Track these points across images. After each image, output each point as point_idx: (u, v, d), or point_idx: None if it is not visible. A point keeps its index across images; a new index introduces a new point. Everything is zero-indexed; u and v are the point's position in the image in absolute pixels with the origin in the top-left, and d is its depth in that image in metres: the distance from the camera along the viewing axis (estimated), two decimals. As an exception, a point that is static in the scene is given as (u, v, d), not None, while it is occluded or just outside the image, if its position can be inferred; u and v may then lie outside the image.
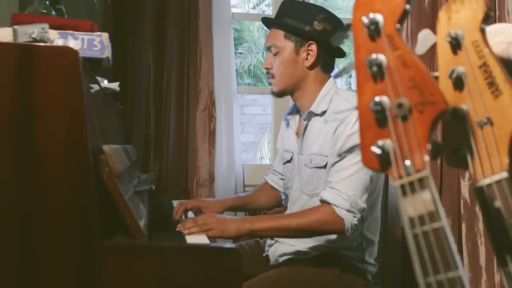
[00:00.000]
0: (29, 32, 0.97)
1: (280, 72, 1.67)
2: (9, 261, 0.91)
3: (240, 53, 8.22)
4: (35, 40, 0.99)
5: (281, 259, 1.68)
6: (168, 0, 2.42)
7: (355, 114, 1.50)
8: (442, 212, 0.51)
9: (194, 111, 2.45)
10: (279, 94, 1.73)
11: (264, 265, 1.73)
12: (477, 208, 2.51)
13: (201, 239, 1.41)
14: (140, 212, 1.27)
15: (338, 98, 1.61)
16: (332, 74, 1.72)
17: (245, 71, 8.13)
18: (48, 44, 1.00)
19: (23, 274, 0.92)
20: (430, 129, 0.55)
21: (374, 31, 0.59)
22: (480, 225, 2.53)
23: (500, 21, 2.54)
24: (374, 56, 0.59)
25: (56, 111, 0.94)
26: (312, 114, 1.66)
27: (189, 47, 2.44)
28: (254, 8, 8.37)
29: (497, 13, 2.55)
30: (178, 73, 2.44)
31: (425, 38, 0.70)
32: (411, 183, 0.54)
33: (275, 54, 1.68)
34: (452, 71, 0.64)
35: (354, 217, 1.48)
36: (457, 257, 0.50)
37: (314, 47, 1.66)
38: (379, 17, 0.59)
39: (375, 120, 0.58)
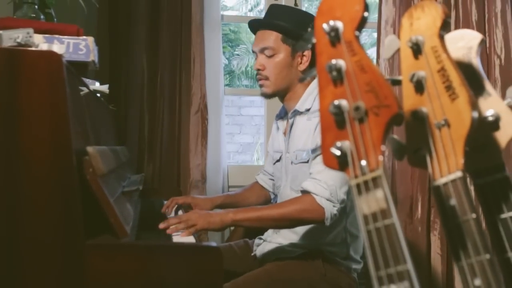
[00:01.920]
0: (14, 36, 1.00)
1: (275, 74, 1.70)
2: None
3: (237, 54, 8.25)
4: (20, 44, 1.01)
5: (268, 258, 1.71)
6: (161, 3, 2.45)
7: None
8: (393, 209, 0.54)
9: (188, 113, 2.48)
10: (271, 96, 1.76)
11: (252, 264, 1.76)
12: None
13: (187, 238, 1.44)
14: (126, 212, 1.30)
15: None
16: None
17: (242, 72, 8.16)
18: (33, 48, 1.03)
19: (6, 273, 0.94)
20: (384, 131, 0.58)
21: (334, 37, 0.62)
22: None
23: (489, 23, 2.57)
24: (334, 61, 0.61)
25: (40, 113, 0.96)
26: (297, 113, 1.71)
27: (182, 50, 2.47)
28: (251, 10, 8.40)
29: (486, 16, 2.57)
30: (171, 75, 2.46)
31: (390, 43, 0.73)
32: (365, 182, 0.57)
33: (269, 56, 1.71)
34: (413, 75, 0.67)
35: (334, 206, 1.52)
36: (406, 252, 0.53)
37: (308, 52, 1.70)
38: (339, 24, 0.62)
39: (335, 122, 0.61)
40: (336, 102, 0.60)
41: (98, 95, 1.74)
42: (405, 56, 0.70)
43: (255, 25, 1.81)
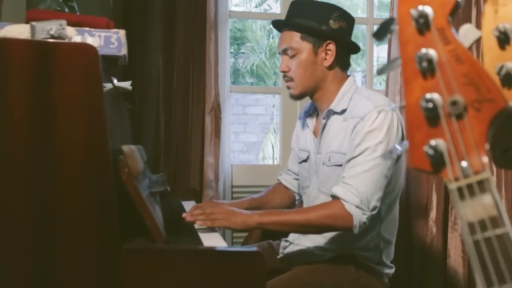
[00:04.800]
0: (47, 28, 0.94)
1: (300, 74, 1.64)
2: (27, 263, 0.88)
3: (243, 52, 8.17)
4: (52, 36, 0.95)
5: (296, 261, 1.65)
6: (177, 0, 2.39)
7: (375, 112, 1.48)
8: (506, 217, 0.48)
9: (201, 112, 2.43)
10: (299, 97, 1.70)
11: (278, 267, 1.70)
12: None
13: (216, 239, 1.38)
14: (156, 213, 1.24)
15: (358, 97, 1.59)
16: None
17: (248, 71, 8.09)
18: (66, 41, 0.97)
19: (41, 276, 0.89)
20: (488, 128, 0.52)
21: (423, 24, 0.56)
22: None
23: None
24: (424, 51, 0.55)
25: (75, 109, 0.90)
26: (331, 113, 1.64)
27: (195, 47, 2.41)
28: (256, 7, 8.32)
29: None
30: (186, 74, 2.41)
31: (467, 33, 0.67)
32: (469, 186, 0.51)
33: (291, 57, 1.65)
34: (501, 67, 0.61)
35: (364, 214, 1.46)
36: (525, 265, 0.47)
37: (332, 46, 1.63)
38: (428, 10, 0.56)
39: (426, 118, 0.55)
40: (428, 95, 0.54)
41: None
42: (489, 47, 0.63)
43: (278, 26, 1.76)
